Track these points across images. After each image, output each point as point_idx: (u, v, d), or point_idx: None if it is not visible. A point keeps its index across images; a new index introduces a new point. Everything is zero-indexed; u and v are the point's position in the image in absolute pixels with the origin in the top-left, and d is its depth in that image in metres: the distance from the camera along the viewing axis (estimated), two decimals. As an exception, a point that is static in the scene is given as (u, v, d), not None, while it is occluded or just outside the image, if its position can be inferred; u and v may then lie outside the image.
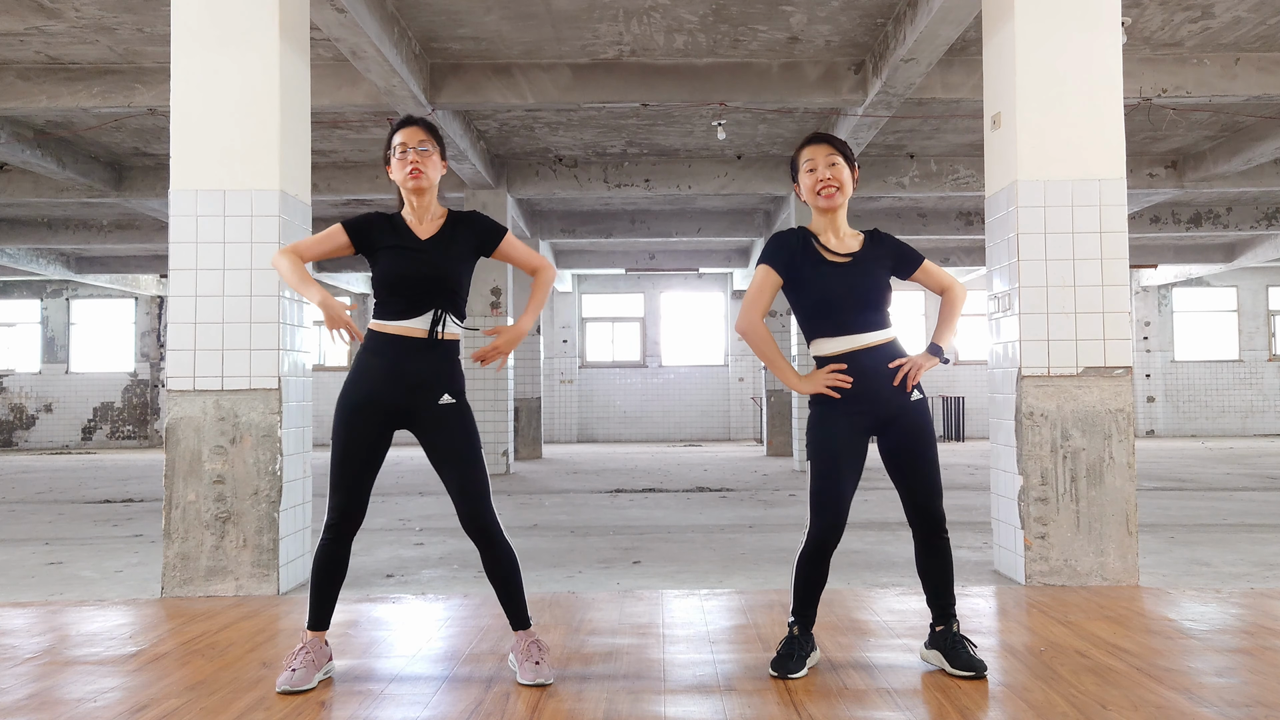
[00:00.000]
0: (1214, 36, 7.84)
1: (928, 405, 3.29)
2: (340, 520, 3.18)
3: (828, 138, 3.32)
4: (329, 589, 3.23)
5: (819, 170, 3.26)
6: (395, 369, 3.17)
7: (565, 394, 20.64)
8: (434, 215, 3.34)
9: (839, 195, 3.26)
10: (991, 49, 5.18)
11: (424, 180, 3.26)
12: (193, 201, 4.76)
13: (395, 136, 3.30)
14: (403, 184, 3.28)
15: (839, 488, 3.18)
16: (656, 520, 7.57)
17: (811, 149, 3.30)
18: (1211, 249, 17.97)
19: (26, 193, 12.02)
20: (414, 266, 3.21)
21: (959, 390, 20.28)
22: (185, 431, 4.71)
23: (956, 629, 3.29)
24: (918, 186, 12.03)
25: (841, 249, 3.28)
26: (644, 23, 7.51)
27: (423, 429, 3.21)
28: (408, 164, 3.25)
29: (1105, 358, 4.78)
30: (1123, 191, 4.84)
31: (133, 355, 20.80)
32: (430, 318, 3.18)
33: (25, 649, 3.73)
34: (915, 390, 3.24)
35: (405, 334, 3.18)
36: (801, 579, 3.27)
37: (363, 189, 11.93)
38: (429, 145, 3.28)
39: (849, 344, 3.21)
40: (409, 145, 3.26)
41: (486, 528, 3.20)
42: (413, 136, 3.27)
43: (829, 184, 3.25)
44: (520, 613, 3.27)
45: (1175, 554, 5.68)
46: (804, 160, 3.30)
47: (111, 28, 7.43)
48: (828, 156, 3.27)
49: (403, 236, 3.27)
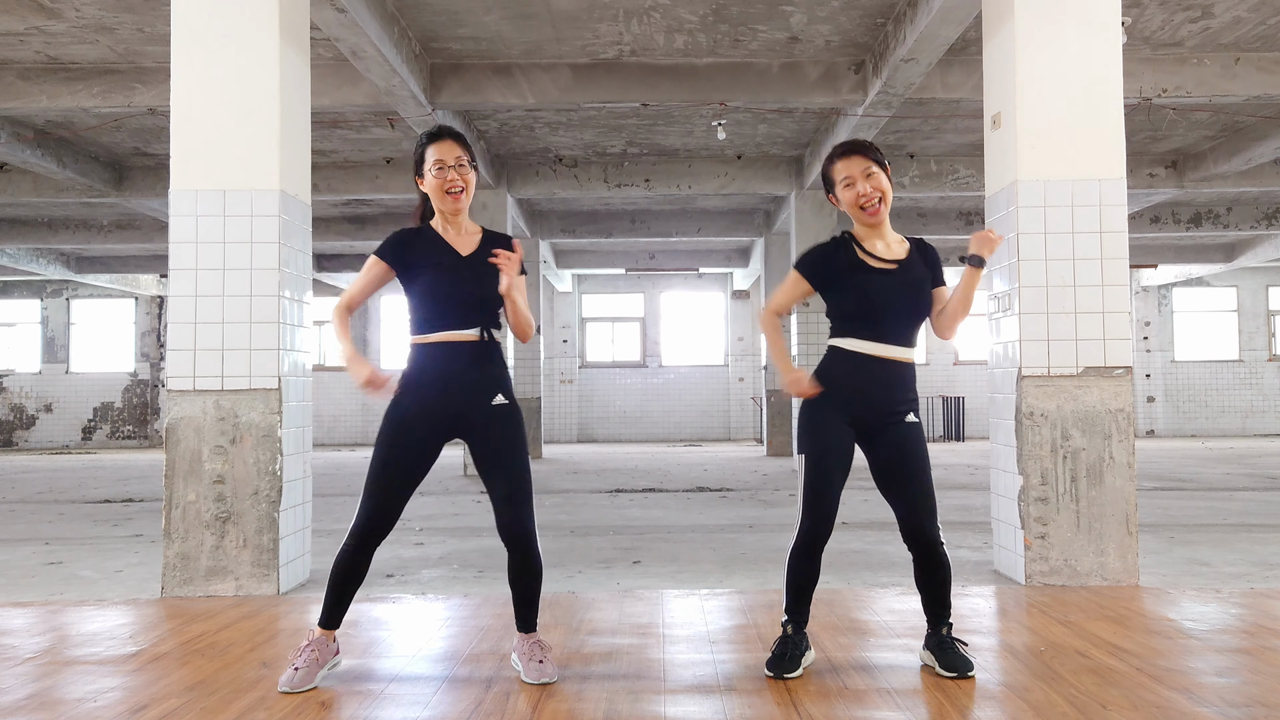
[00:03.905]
0: (1214, 36, 7.84)
1: (922, 429, 3.27)
2: (367, 528, 3.13)
3: (859, 147, 3.25)
4: (345, 592, 3.21)
5: (858, 185, 3.20)
6: (448, 374, 3.13)
7: (565, 394, 20.64)
8: (469, 230, 3.28)
9: (883, 207, 3.22)
10: (991, 49, 5.18)
11: (464, 200, 3.21)
12: (193, 201, 4.76)
13: (429, 150, 3.21)
14: (440, 201, 3.21)
15: (830, 481, 3.19)
16: (656, 520, 7.57)
17: (845, 163, 3.23)
18: (1211, 249, 17.97)
19: (26, 193, 12.02)
20: (460, 283, 3.16)
21: (959, 390, 20.29)
22: (185, 431, 4.71)
23: (947, 632, 3.29)
24: (918, 186, 12.03)
25: (888, 255, 3.25)
26: (644, 23, 7.51)
27: (475, 432, 3.17)
28: (447, 182, 3.18)
29: (1105, 358, 4.78)
30: (1123, 191, 4.83)
31: (133, 355, 20.81)
32: (477, 330, 3.16)
33: (25, 649, 3.73)
34: (912, 414, 3.23)
35: (455, 340, 3.14)
36: (794, 574, 3.27)
37: (363, 189, 11.94)
38: (465, 160, 3.21)
39: (881, 350, 3.19)
40: (447, 163, 3.18)
41: (524, 537, 3.16)
42: (449, 152, 3.18)
43: (870, 197, 3.20)
44: (531, 618, 3.26)
45: (1175, 554, 5.68)
46: (840, 176, 3.24)
47: (111, 28, 7.43)
48: (864, 169, 3.20)
49: (442, 253, 3.20)
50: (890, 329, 3.19)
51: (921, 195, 12.70)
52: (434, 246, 3.22)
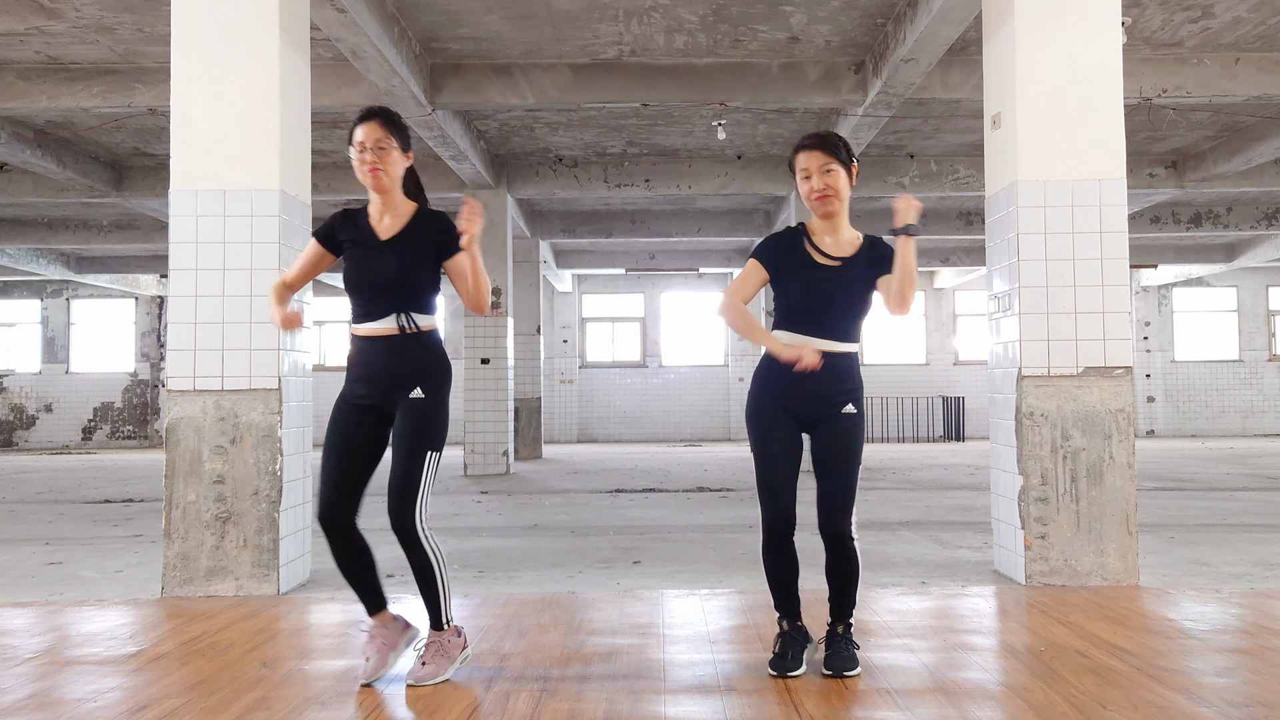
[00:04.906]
0: (1214, 36, 7.84)
1: (859, 421, 3.26)
2: (323, 513, 3.19)
3: (822, 142, 3.26)
4: (355, 578, 3.24)
5: (814, 179, 3.23)
6: (370, 370, 3.19)
7: (565, 394, 20.63)
8: (399, 212, 3.26)
9: (834, 202, 3.24)
10: (991, 49, 5.18)
11: (384, 179, 3.19)
12: (193, 201, 4.76)
13: (354, 132, 3.21)
14: (363, 183, 3.22)
15: (780, 474, 3.22)
16: (656, 520, 7.57)
17: (807, 155, 3.25)
18: (1211, 249, 17.97)
19: (26, 193, 12.02)
20: (370, 267, 3.19)
21: (959, 390, 20.29)
22: (185, 431, 4.71)
23: (843, 631, 3.29)
24: (918, 186, 12.03)
25: (835, 251, 3.27)
26: (644, 23, 7.51)
27: (391, 424, 3.22)
28: (365, 164, 3.18)
29: (1105, 358, 4.78)
30: (1123, 191, 4.83)
31: (133, 355, 20.80)
32: (394, 319, 3.16)
33: (25, 649, 3.73)
34: (850, 404, 3.23)
35: (374, 334, 3.18)
36: (770, 571, 3.31)
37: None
38: (386, 143, 3.18)
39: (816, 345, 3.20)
40: (366, 144, 3.17)
41: (402, 529, 3.14)
42: (370, 134, 3.18)
43: (824, 193, 3.23)
44: (434, 614, 3.23)
45: (1175, 554, 5.68)
46: (799, 168, 3.27)
47: (111, 28, 7.43)
48: (822, 165, 3.22)
49: (363, 234, 3.23)
50: (827, 324, 3.22)
51: (921, 195, 12.66)
52: (358, 229, 3.25)
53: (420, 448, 3.16)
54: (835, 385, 3.22)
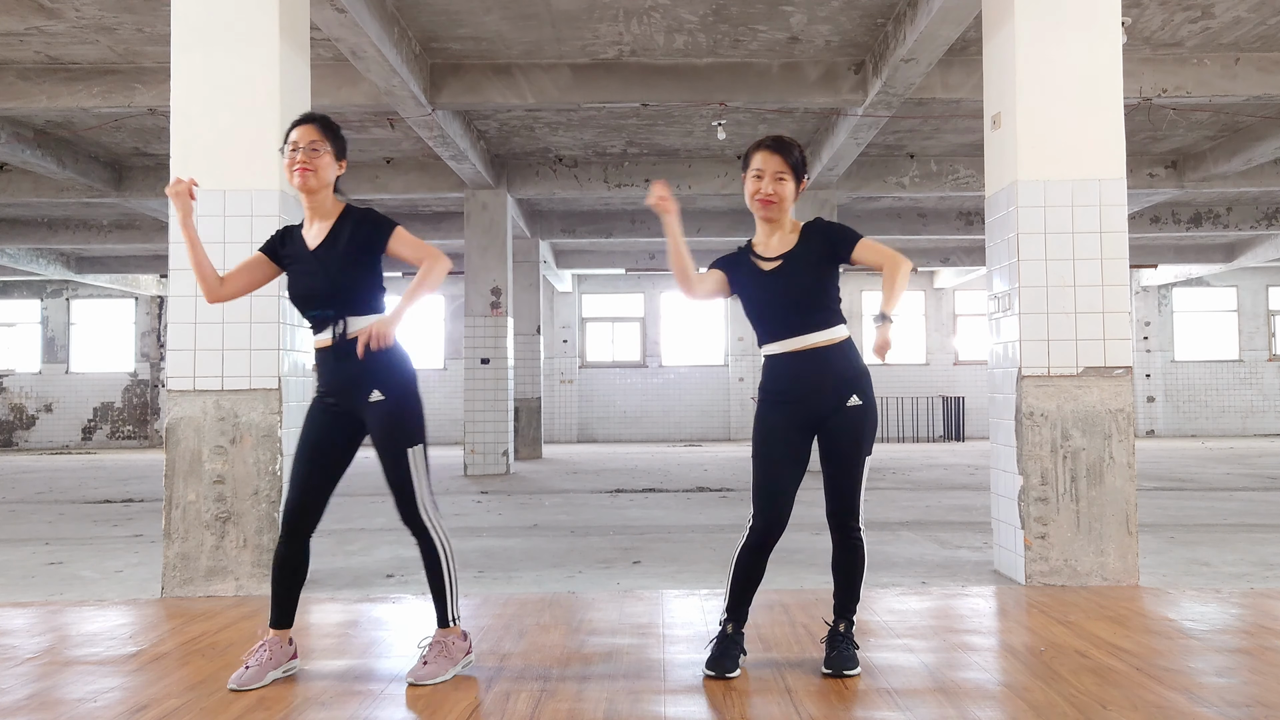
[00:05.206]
0: (1214, 36, 7.84)
1: (865, 412, 3.23)
2: (287, 517, 3.21)
3: (781, 147, 3.24)
4: (281, 589, 3.24)
5: (765, 182, 3.23)
6: (327, 379, 3.22)
7: (565, 394, 20.63)
8: (326, 217, 3.23)
9: (776, 209, 3.25)
10: (991, 49, 5.18)
11: (311, 181, 3.15)
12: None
13: (290, 133, 3.20)
14: (290, 181, 3.19)
15: (779, 483, 3.21)
16: (656, 520, 7.57)
17: (763, 155, 3.24)
18: (1211, 249, 17.97)
19: (26, 193, 12.02)
20: (302, 280, 3.20)
21: (959, 390, 20.29)
22: (185, 431, 4.71)
23: (845, 629, 3.30)
24: (918, 186, 12.03)
25: (777, 250, 3.27)
26: (644, 23, 7.52)
27: (365, 428, 3.23)
28: (295, 164, 3.14)
29: (1105, 358, 4.78)
30: (1123, 191, 4.83)
31: (133, 355, 20.80)
32: (329, 330, 3.15)
33: (25, 649, 3.73)
34: (854, 396, 3.22)
35: (321, 345, 3.20)
36: (741, 572, 3.29)
37: (363, 189, 11.94)
38: (320, 145, 3.17)
39: (789, 346, 3.22)
40: (299, 144, 3.16)
41: (409, 522, 3.23)
42: (304, 135, 3.16)
43: (769, 199, 3.23)
44: (440, 609, 3.28)
45: (1175, 554, 5.68)
46: (753, 165, 3.26)
47: (111, 28, 7.43)
48: (776, 171, 3.22)
49: (297, 248, 3.23)
50: (794, 322, 3.21)
51: (921, 195, 12.69)
52: (294, 243, 3.26)
53: (397, 448, 3.18)
54: (835, 379, 3.22)
